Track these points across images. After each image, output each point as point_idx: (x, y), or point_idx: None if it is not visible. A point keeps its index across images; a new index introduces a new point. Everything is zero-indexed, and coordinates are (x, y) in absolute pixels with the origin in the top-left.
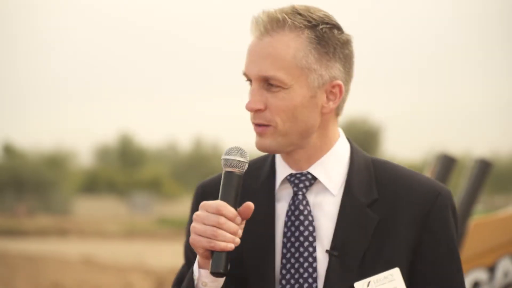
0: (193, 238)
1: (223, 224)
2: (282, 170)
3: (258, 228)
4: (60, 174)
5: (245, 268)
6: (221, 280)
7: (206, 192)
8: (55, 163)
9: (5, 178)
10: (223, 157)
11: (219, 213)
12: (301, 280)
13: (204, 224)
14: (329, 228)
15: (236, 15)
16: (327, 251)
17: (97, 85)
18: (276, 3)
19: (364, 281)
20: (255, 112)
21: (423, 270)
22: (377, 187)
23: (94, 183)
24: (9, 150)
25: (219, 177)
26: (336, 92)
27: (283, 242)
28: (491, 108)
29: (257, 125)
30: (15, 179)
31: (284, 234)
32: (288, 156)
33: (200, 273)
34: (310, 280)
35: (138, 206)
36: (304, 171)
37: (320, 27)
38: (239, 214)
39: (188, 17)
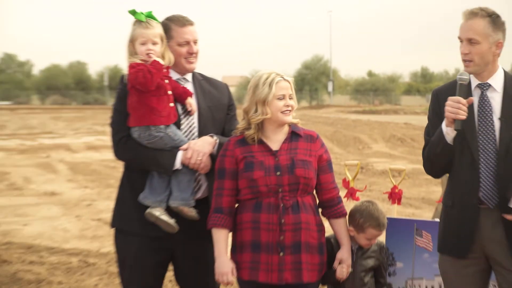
0: (446, 113)
1: (460, 107)
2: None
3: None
4: None
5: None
6: (453, 135)
7: (438, 95)
8: None
9: None
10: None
11: (458, 102)
12: (485, 137)
13: (452, 107)
14: (498, 104)
15: None
16: (499, 118)
17: None
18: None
19: None
20: None
21: None
22: None
23: None
24: None
25: (447, 85)
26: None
27: (478, 116)
28: None
29: None
30: None
31: (478, 113)
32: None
33: (447, 129)
34: (490, 137)
35: None
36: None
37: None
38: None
39: None
